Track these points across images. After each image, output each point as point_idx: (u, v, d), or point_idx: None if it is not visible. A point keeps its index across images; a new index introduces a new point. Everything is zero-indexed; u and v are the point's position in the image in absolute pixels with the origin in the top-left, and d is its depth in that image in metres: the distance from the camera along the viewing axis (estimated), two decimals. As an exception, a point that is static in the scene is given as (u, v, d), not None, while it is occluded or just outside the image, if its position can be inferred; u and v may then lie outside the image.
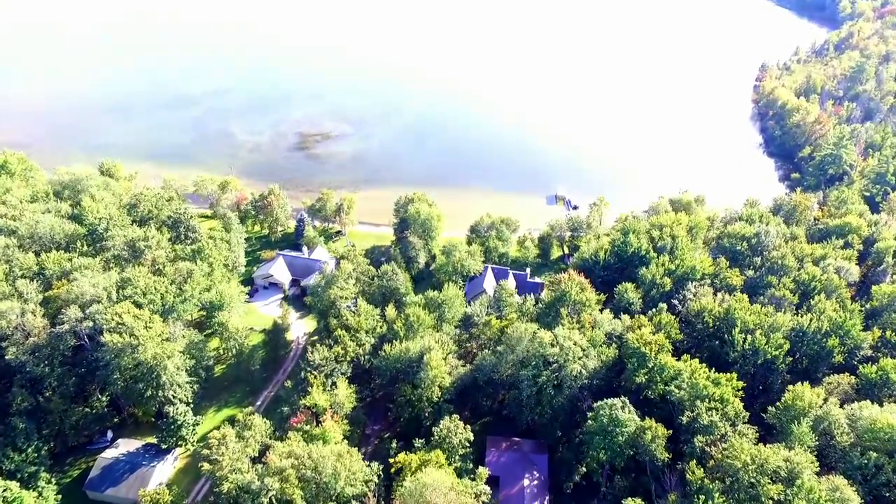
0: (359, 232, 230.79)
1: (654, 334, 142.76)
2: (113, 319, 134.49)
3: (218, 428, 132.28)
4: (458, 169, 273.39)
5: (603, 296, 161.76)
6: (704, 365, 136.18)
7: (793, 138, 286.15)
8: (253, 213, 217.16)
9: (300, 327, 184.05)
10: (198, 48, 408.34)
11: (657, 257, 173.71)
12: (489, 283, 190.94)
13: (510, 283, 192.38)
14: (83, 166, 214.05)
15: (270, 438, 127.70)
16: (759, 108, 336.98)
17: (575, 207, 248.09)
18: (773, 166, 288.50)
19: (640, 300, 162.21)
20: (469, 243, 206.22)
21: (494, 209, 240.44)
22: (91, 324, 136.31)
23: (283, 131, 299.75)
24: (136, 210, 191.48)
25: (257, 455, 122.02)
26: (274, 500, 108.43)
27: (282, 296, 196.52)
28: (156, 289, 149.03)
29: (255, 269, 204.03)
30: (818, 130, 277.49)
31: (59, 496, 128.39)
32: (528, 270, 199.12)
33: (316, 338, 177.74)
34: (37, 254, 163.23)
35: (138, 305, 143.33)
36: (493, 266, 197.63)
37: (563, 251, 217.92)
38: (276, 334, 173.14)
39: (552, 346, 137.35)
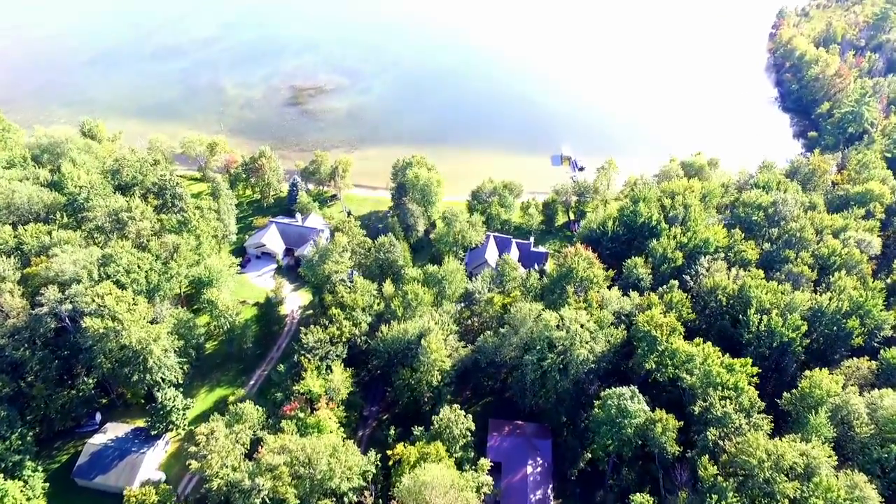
0: (355, 196, 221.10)
1: (664, 315, 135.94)
2: (94, 302, 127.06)
3: (209, 415, 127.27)
4: (458, 126, 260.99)
5: (611, 272, 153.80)
6: (718, 350, 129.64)
7: (811, 92, 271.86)
8: (244, 176, 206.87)
9: (295, 300, 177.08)
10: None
11: (668, 229, 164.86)
12: (491, 253, 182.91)
13: (513, 253, 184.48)
14: (63, 127, 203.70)
15: (263, 428, 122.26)
16: (774, 58, 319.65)
17: (581, 168, 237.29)
18: (789, 122, 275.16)
19: (650, 276, 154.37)
20: (470, 210, 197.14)
21: (497, 171, 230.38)
22: (71, 306, 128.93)
23: (275, 85, 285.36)
24: (120, 176, 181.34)
25: (248, 449, 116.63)
26: (266, 500, 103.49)
27: (275, 266, 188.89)
28: (140, 266, 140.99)
29: (246, 237, 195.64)
30: (838, 84, 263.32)
31: (47, 484, 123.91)
32: (531, 239, 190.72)
33: (311, 312, 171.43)
34: (13, 226, 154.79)
35: (121, 286, 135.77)
36: (496, 235, 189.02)
37: (569, 217, 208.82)
38: (269, 309, 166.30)
39: (558, 328, 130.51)
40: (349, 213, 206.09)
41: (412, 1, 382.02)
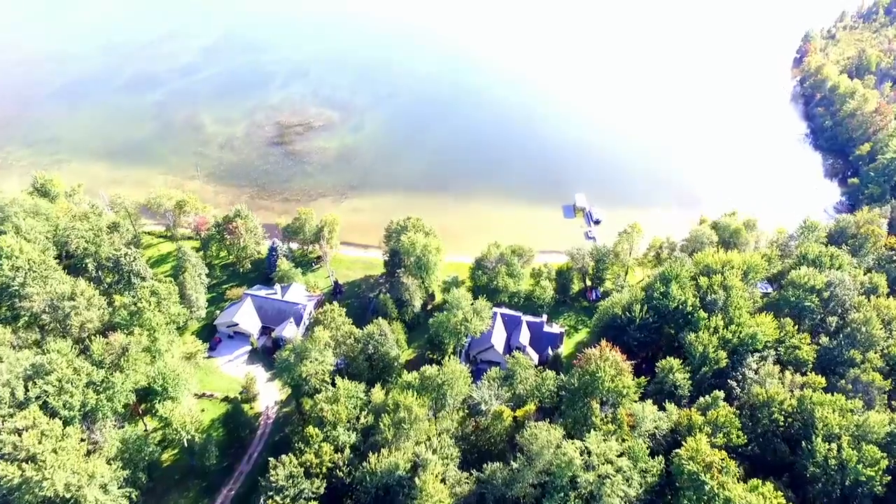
0: (344, 257, 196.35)
1: (710, 438, 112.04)
2: (9, 443, 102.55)
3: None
4: (459, 170, 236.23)
5: (643, 379, 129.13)
6: (780, 494, 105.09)
7: (847, 130, 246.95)
8: (217, 237, 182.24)
9: (271, 393, 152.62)
10: (163, 15, 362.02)
11: (707, 317, 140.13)
12: (498, 336, 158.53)
13: (523, 334, 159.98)
14: (11, 186, 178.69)
15: None
16: (803, 88, 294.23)
17: (597, 222, 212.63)
18: (822, 161, 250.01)
19: (689, 380, 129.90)
20: (474, 281, 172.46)
21: (503, 224, 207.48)
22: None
23: (259, 121, 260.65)
24: (68, 247, 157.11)
25: None
26: None
27: (249, 348, 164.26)
28: (74, 383, 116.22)
29: (217, 312, 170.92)
30: (878, 122, 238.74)
31: None
32: (544, 317, 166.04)
33: (289, 409, 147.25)
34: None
35: (50, 410, 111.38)
36: (503, 313, 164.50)
37: (586, 283, 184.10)
38: (238, 411, 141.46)
39: (583, 465, 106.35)
40: (336, 286, 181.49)
41: (411, 24, 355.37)
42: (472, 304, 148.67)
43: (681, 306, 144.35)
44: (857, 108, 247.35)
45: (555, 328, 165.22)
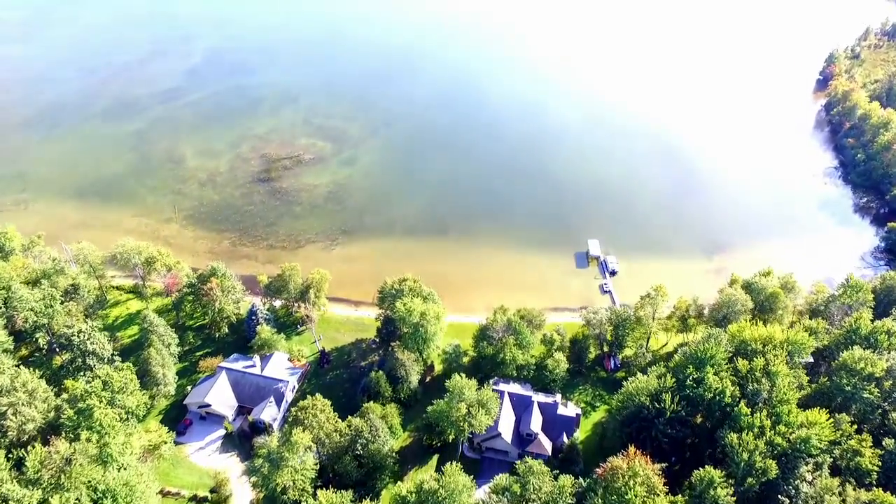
0: (332, 316, 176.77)
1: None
2: None
3: None
4: (461, 210, 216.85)
5: (680, 499, 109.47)
6: None
7: (882, 165, 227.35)
8: (191, 297, 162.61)
9: (246, 491, 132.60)
10: (146, 34, 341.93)
11: (749, 412, 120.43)
12: (506, 421, 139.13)
13: (534, 417, 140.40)
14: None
15: None
16: (829, 115, 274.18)
17: (612, 273, 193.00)
18: (854, 198, 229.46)
19: (732, 495, 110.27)
20: (477, 352, 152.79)
21: (509, 275, 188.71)
22: None
23: (244, 154, 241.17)
24: (14, 322, 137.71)
25: None
26: None
27: (224, 432, 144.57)
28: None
29: (189, 387, 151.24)
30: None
31: None
32: (557, 396, 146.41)
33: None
34: None
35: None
36: (512, 391, 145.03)
37: (603, 349, 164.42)
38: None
39: None
40: (323, 356, 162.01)
41: (409, 47, 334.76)
42: (476, 392, 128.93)
43: (718, 397, 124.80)
44: (892, 141, 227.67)
45: (570, 409, 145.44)
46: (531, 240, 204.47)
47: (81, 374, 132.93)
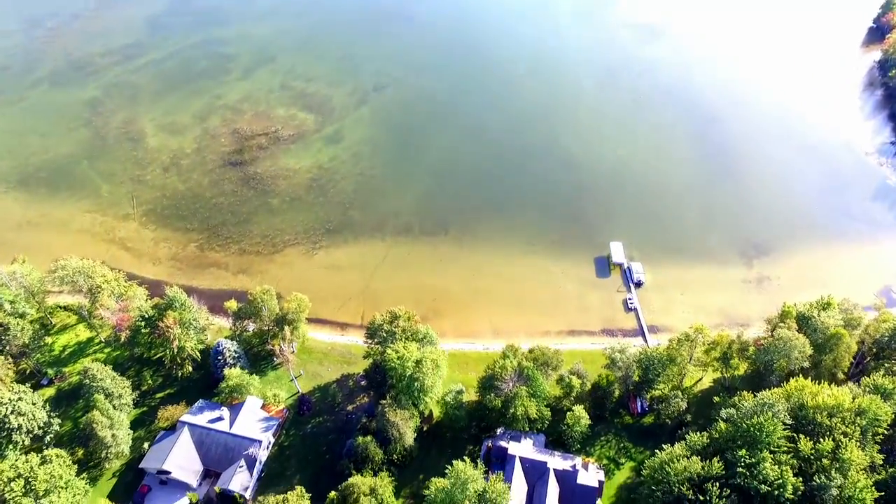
0: (315, 344, 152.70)
1: None
2: None
3: None
4: (463, 202, 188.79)
5: None
6: None
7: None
8: (146, 333, 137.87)
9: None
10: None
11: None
12: (516, 496, 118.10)
13: (551, 488, 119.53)
14: None
15: None
16: (885, 77, 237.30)
17: (638, 284, 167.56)
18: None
19: None
20: (485, 403, 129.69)
21: (518, 287, 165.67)
22: None
23: (213, 129, 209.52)
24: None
25: None
26: None
27: (186, 502, 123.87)
28: None
29: (145, 446, 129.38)
30: None
31: None
32: (577, 461, 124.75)
33: None
34: None
35: None
36: (524, 456, 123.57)
37: (628, 389, 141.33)
38: None
39: None
40: (303, 402, 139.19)
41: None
42: (483, 481, 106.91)
43: (778, 490, 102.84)
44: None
45: (591, 474, 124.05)
46: (543, 240, 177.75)
47: (6, 451, 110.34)
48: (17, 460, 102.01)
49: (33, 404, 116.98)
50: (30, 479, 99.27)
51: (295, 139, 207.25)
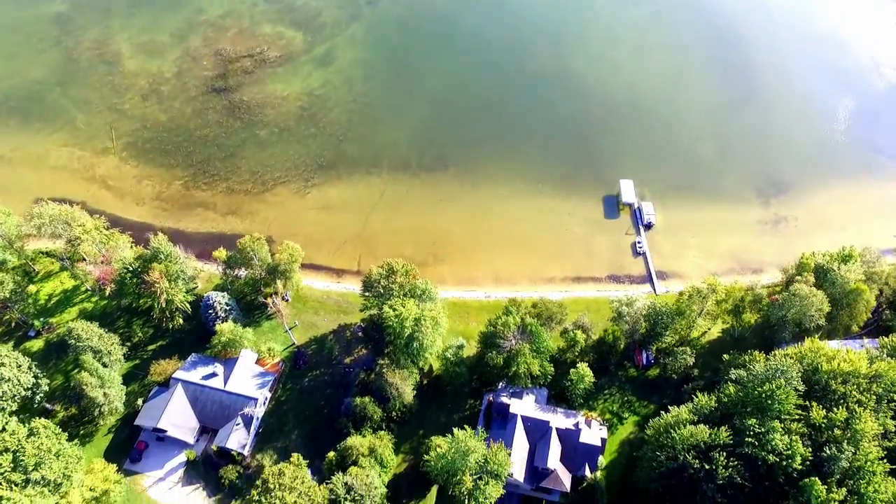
0: (310, 292, 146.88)
1: None
2: None
3: None
4: (464, 134, 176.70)
5: None
6: None
7: None
8: (133, 284, 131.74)
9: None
10: None
11: (825, 491, 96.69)
12: (518, 453, 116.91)
13: (553, 446, 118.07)
14: None
15: None
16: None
17: (648, 226, 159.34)
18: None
19: None
20: (486, 361, 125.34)
21: (522, 229, 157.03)
22: None
23: (194, 49, 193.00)
24: None
25: None
26: None
27: (184, 458, 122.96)
28: None
29: (140, 402, 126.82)
30: None
31: None
32: (580, 417, 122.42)
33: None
34: None
35: None
36: (525, 416, 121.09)
37: (633, 341, 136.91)
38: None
39: None
40: (299, 355, 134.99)
41: None
42: (484, 449, 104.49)
43: (786, 461, 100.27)
44: None
45: (593, 431, 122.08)
46: (549, 176, 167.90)
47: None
48: (2, 432, 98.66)
49: (18, 367, 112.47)
50: (17, 453, 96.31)
51: (282, 61, 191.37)
